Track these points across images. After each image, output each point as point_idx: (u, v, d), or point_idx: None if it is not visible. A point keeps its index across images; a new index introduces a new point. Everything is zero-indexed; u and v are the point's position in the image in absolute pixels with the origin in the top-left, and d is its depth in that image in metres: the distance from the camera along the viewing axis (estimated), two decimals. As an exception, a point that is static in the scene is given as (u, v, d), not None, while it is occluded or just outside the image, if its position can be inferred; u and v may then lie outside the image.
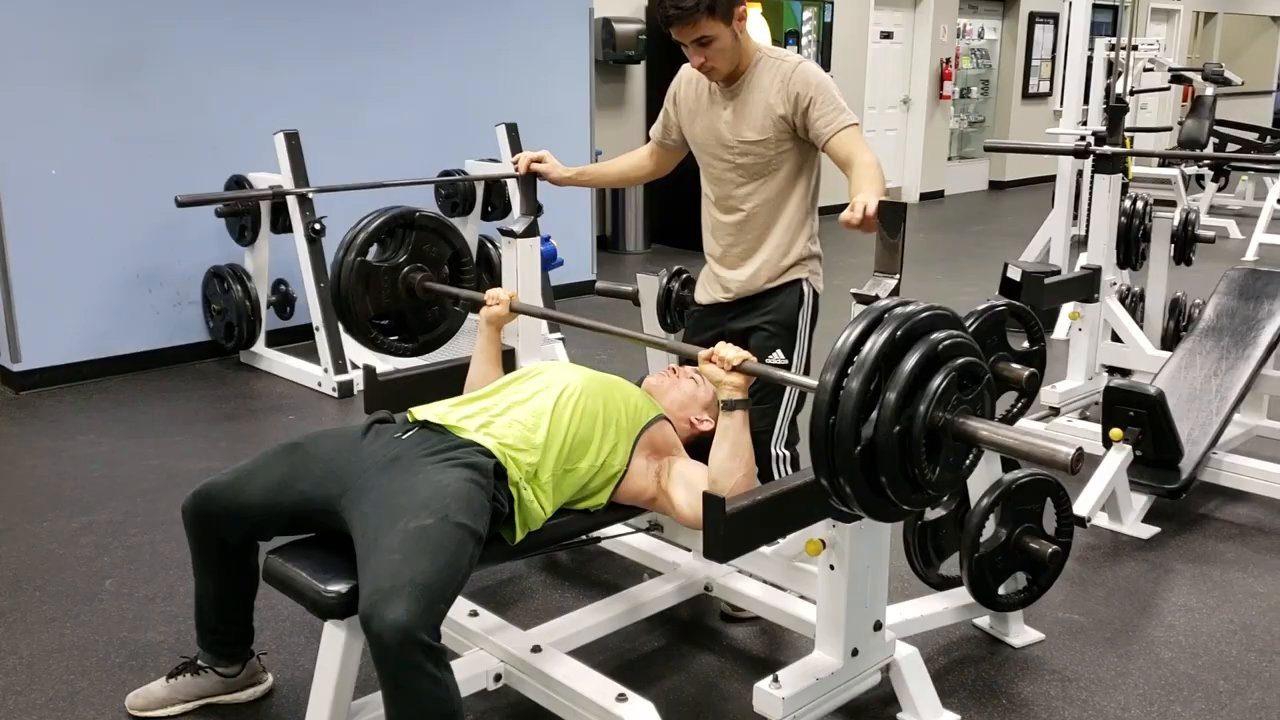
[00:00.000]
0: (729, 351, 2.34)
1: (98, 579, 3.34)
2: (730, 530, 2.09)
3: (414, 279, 3.22)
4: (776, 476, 2.93)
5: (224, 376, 5.57)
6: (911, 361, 1.88)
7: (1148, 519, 3.78)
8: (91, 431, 4.72)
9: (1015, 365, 2.74)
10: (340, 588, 2.19)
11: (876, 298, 2.31)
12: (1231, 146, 10.97)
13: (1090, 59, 7.01)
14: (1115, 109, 4.60)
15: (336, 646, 2.23)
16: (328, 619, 2.22)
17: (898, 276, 2.34)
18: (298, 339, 5.84)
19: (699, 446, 2.65)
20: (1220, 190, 10.81)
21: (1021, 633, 3.04)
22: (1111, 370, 4.78)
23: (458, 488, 2.20)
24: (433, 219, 3.27)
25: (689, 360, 2.69)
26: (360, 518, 2.21)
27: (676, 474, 2.52)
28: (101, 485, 4.09)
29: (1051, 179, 6.91)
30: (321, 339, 5.28)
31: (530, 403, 2.49)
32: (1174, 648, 3.02)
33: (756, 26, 8.64)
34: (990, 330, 2.76)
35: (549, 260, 5.84)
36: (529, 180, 3.22)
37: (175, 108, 5.53)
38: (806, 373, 2.90)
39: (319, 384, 5.29)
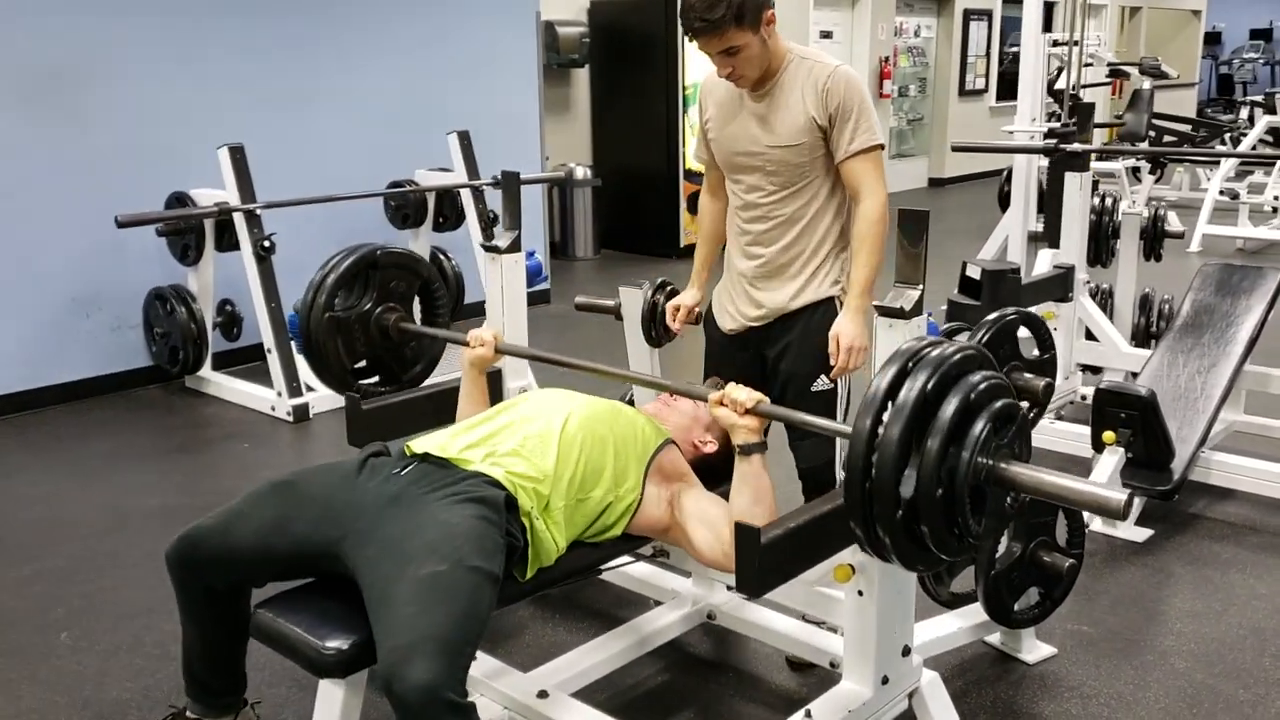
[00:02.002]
0: (741, 394, 2.21)
1: (52, 632, 3.11)
2: (765, 562, 1.96)
3: (387, 320, 3.04)
4: None
5: (170, 404, 5.32)
6: (950, 409, 1.76)
7: (1140, 521, 3.72)
8: (31, 469, 4.45)
9: (1029, 376, 2.65)
10: (339, 644, 2.02)
11: (901, 309, 2.21)
12: (1166, 139, 11.10)
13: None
14: (1084, 107, 4.56)
15: (334, 706, 2.07)
16: (326, 678, 2.05)
17: (920, 288, 2.23)
18: (246, 360, 5.59)
19: (702, 467, 2.53)
20: (1157, 182, 10.91)
21: (1034, 648, 2.94)
22: (1085, 369, 4.75)
23: (468, 527, 2.04)
24: (396, 254, 3.11)
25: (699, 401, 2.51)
26: (366, 564, 2.04)
27: (693, 510, 2.37)
28: (47, 528, 3.83)
29: (994, 175, 6.87)
30: (274, 361, 5.04)
31: (536, 430, 2.34)
32: (1187, 657, 2.95)
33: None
34: (1002, 340, 2.66)
35: (533, 277, 5.60)
36: (512, 189, 3.06)
37: (112, 123, 5.28)
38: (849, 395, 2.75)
39: (272, 408, 5.05)
